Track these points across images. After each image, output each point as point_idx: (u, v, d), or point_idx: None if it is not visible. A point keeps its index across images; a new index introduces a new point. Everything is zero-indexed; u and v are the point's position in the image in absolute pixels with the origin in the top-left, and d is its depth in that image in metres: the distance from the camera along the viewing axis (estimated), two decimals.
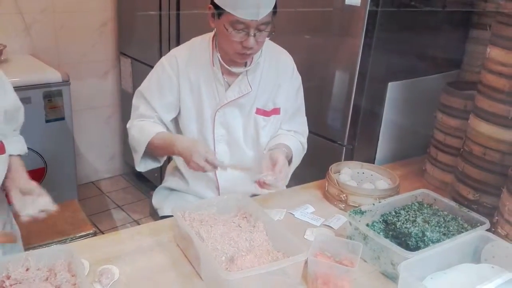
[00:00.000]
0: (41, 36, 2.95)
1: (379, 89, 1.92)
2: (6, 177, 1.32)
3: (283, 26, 1.54)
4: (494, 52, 1.42)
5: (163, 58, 1.61)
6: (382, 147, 2.00)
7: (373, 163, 1.91)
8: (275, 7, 1.44)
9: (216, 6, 1.43)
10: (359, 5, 1.75)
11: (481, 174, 1.47)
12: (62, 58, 3.04)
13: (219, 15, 1.44)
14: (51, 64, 2.74)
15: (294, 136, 1.70)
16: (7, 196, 1.36)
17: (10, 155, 1.37)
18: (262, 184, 1.43)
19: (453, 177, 1.63)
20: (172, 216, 1.39)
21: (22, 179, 1.33)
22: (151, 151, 1.57)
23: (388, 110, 1.95)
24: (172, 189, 1.75)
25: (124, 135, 3.55)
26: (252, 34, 1.42)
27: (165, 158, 1.67)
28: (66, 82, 2.57)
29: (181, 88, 1.58)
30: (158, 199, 1.77)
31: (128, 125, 1.62)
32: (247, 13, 1.38)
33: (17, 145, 1.42)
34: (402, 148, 2.06)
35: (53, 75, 2.56)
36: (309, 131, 1.78)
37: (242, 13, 1.38)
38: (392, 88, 1.93)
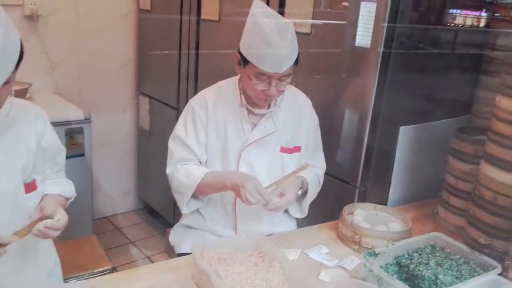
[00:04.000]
0: (64, 75, 3.08)
1: (392, 131, 1.97)
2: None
3: (298, 66, 1.61)
4: (504, 102, 1.47)
5: (192, 101, 1.70)
6: (395, 189, 2.03)
7: (386, 205, 1.94)
8: (297, 59, 1.55)
9: (243, 56, 1.54)
10: (369, 46, 1.83)
11: (492, 219, 1.50)
12: (83, 96, 3.16)
13: (245, 64, 1.55)
14: (73, 102, 2.85)
15: (311, 169, 1.77)
16: None
17: (47, 194, 1.43)
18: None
19: (464, 221, 1.66)
20: (189, 253, 1.43)
21: (48, 201, 1.38)
22: (198, 192, 1.64)
23: (401, 152, 2.00)
24: (189, 227, 1.79)
25: (138, 171, 3.64)
26: (274, 84, 1.53)
27: (208, 197, 1.71)
28: (87, 120, 2.67)
29: (208, 126, 1.66)
30: (176, 236, 1.81)
31: (169, 171, 1.67)
32: (271, 66, 1.49)
33: (56, 187, 1.47)
34: (414, 190, 2.09)
35: (75, 113, 2.67)
36: None
37: (266, 66, 1.49)
38: (404, 132, 1.98)
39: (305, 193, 1.73)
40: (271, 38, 1.47)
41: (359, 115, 1.93)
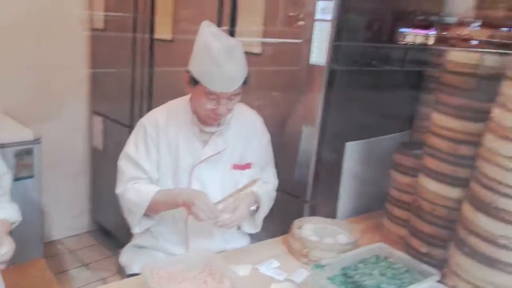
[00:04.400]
0: (13, 95, 2.99)
1: (339, 147, 2.05)
2: None
3: (251, 83, 1.66)
4: (437, 118, 1.57)
5: (144, 119, 1.71)
6: (343, 202, 2.11)
7: (335, 218, 2.01)
8: (246, 79, 1.59)
9: (192, 76, 1.57)
10: (324, 64, 1.88)
11: (431, 229, 1.59)
12: (34, 116, 3.07)
13: (194, 83, 1.58)
14: (23, 122, 2.78)
15: (263, 185, 1.81)
16: None
17: None
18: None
19: (406, 231, 1.74)
20: (140, 274, 1.43)
21: None
22: (149, 210, 1.64)
23: (348, 167, 2.08)
24: (141, 247, 1.79)
25: (92, 191, 3.57)
26: (223, 103, 1.57)
27: (160, 215, 1.71)
28: (37, 141, 2.61)
29: (160, 145, 1.67)
30: (127, 257, 1.80)
31: (119, 191, 1.67)
32: (219, 86, 1.53)
33: (0, 211, 1.44)
34: (362, 203, 2.17)
35: (24, 134, 2.60)
36: None
37: (215, 86, 1.53)
38: (350, 147, 2.07)
39: (258, 208, 1.77)
40: (219, 58, 1.51)
41: (308, 132, 2.00)
